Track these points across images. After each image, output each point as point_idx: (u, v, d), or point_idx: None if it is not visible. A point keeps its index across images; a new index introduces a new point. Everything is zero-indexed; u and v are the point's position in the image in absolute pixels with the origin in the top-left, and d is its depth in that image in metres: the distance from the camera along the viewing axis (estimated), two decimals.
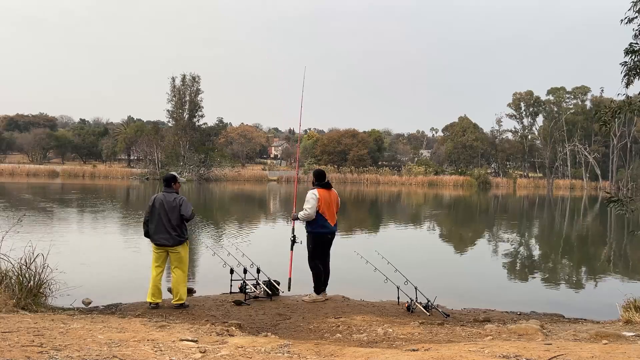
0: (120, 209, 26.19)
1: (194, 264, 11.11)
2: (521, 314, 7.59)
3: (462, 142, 77.43)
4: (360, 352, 3.94)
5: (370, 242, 15.48)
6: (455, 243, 17.21)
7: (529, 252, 15.85)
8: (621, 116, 8.12)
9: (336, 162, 71.77)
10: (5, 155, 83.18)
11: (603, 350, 3.84)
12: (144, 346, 3.84)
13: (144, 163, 64.47)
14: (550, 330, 5.80)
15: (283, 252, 9.24)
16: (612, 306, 7.22)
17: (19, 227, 8.02)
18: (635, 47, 7.64)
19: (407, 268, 7.95)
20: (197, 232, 16.32)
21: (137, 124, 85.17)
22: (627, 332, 5.26)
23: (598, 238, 20.22)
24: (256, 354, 3.80)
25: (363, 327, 5.92)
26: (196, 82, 60.83)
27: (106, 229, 17.61)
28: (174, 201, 7.00)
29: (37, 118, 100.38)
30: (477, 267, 12.42)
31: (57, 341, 3.88)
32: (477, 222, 25.25)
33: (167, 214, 6.94)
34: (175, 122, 61.47)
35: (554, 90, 77.82)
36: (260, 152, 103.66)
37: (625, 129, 68.29)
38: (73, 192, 35.87)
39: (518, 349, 3.90)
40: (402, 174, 72.10)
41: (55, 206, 24.70)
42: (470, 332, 5.70)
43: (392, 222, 23.74)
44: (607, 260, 14.25)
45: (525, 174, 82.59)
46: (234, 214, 25.72)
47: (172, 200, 7.01)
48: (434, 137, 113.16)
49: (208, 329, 5.12)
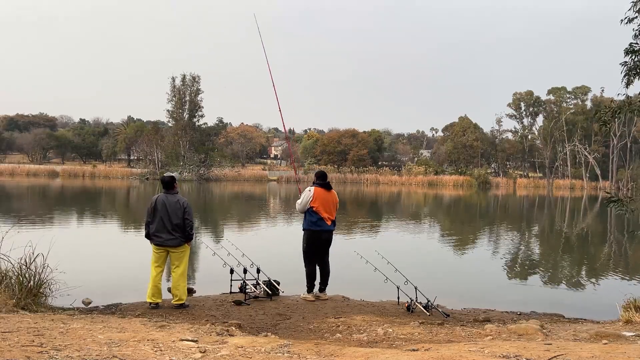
0: (120, 209, 26.20)
1: (194, 264, 11.11)
2: (521, 314, 7.59)
3: (462, 142, 77.40)
4: (360, 352, 3.94)
5: (370, 242, 15.48)
6: (455, 243, 17.21)
7: (529, 252, 15.85)
8: (621, 116, 8.12)
9: (336, 162, 71.79)
10: (5, 155, 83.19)
11: (603, 350, 3.84)
12: (144, 346, 3.84)
13: (144, 163, 64.49)
14: (550, 330, 5.80)
15: (283, 252, 9.29)
16: (612, 306, 7.22)
17: (19, 227, 8.03)
18: (635, 47, 7.64)
19: (407, 268, 7.95)
20: (197, 232, 16.33)
21: (137, 124, 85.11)
22: (627, 332, 5.26)
23: (598, 238, 20.22)
24: (256, 354, 3.80)
25: (363, 327, 5.92)
26: (196, 82, 60.88)
27: (106, 229, 17.61)
28: (177, 202, 7.00)
29: (37, 118, 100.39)
30: (477, 267, 12.41)
31: (57, 341, 3.88)
32: (477, 222, 25.24)
33: (169, 215, 6.94)
34: (175, 122, 61.45)
35: (554, 90, 77.85)
36: (260, 152, 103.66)
37: (625, 129, 68.31)
38: (72, 196, 35.89)
39: (518, 349, 3.90)
40: (402, 174, 72.07)
41: (53, 210, 24.70)
42: (470, 332, 5.70)
43: (392, 222, 23.74)
44: (607, 260, 14.25)
45: (525, 174, 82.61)
46: (234, 214, 25.72)
47: (176, 202, 7.01)
48: (434, 137, 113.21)
49: (208, 329, 5.12)
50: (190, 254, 7.41)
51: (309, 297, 7.71)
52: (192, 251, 8.16)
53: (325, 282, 7.91)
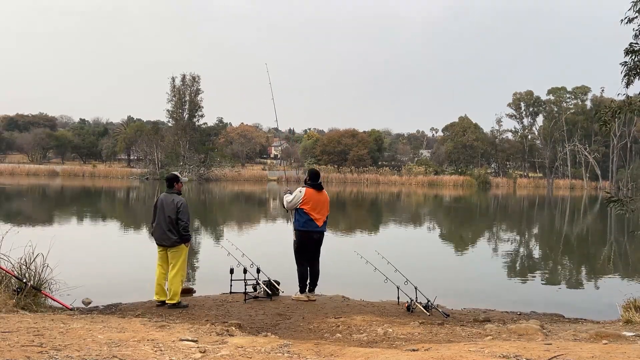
0: (120, 209, 26.20)
1: (194, 264, 11.11)
2: (521, 314, 7.59)
3: (462, 142, 77.37)
4: (360, 352, 3.94)
5: (370, 242, 15.48)
6: (455, 243, 17.21)
7: (529, 252, 15.85)
8: (621, 116, 8.12)
9: (336, 162, 71.74)
10: (5, 155, 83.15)
11: (603, 350, 3.84)
12: (144, 346, 3.84)
13: (143, 163, 64.44)
14: (550, 330, 5.80)
15: (283, 252, 9.26)
16: (612, 306, 7.22)
17: (19, 227, 8.03)
18: (635, 47, 7.64)
19: (407, 268, 7.94)
20: (197, 232, 16.33)
21: (136, 124, 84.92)
22: (627, 332, 5.26)
23: (598, 238, 20.22)
24: (256, 354, 3.80)
25: (363, 327, 5.92)
26: (196, 82, 60.86)
27: (106, 229, 17.62)
28: (172, 202, 7.04)
29: (37, 118, 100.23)
30: (477, 267, 12.42)
31: (57, 341, 3.88)
32: (477, 222, 25.24)
33: (165, 214, 6.98)
34: (175, 122, 61.40)
35: (555, 90, 77.81)
36: (260, 152, 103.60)
37: (626, 128, 68.30)
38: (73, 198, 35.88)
39: (518, 349, 3.90)
40: (402, 174, 72.02)
41: (54, 206, 24.70)
42: (470, 332, 5.70)
43: (392, 222, 23.74)
44: (607, 260, 14.25)
45: (525, 174, 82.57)
46: (234, 213, 25.71)
47: (171, 202, 7.05)
48: (434, 137, 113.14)
49: (208, 329, 5.12)
50: (190, 254, 7.41)
51: (301, 297, 7.74)
52: (192, 251, 8.17)
53: (314, 283, 7.95)
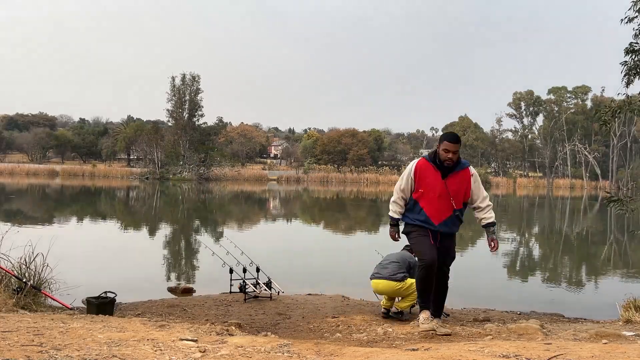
0: (120, 208, 26.20)
1: (194, 264, 11.11)
2: (521, 313, 7.59)
3: (462, 141, 77.31)
4: (360, 352, 3.94)
5: (370, 241, 15.47)
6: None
7: (529, 252, 15.85)
8: (621, 116, 8.12)
9: (336, 162, 71.77)
10: (5, 154, 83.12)
11: (603, 350, 3.84)
12: (144, 346, 3.84)
13: (143, 162, 64.39)
14: (550, 330, 5.80)
15: (282, 252, 9.30)
16: (612, 306, 7.21)
17: (18, 227, 8.02)
18: (635, 47, 7.63)
19: None
20: (197, 231, 16.32)
21: (136, 124, 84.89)
22: (627, 332, 5.26)
23: (598, 238, 20.22)
24: (256, 354, 3.80)
25: (363, 327, 5.92)
26: (196, 81, 60.85)
27: (106, 229, 17.62)
28: None
29: (37, 117, 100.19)
30: (477, 267, 12.41)
31: (57, 341, 3.88)
32: (476, 222, 25.20)
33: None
34: (175, 122, 61.39)
35: (555, 89, 77.84)
36: (260, 152, 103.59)
37: (626, 128, 68.33)
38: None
39: (518, 349, 3.90)
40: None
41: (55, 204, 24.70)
42: (470, 332, 5.70)
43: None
44: (607, 260, 14.25)
45: (525, 173, 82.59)
46: (234, 213, 25.71)
47: None
48: (434, 136, 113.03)
49: (208, 329, 5.12)
50: (190, 254, 7.41)
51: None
52: (192, 251, 8.18)
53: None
